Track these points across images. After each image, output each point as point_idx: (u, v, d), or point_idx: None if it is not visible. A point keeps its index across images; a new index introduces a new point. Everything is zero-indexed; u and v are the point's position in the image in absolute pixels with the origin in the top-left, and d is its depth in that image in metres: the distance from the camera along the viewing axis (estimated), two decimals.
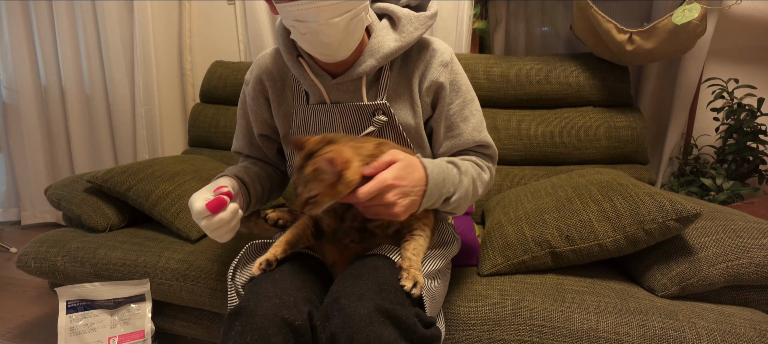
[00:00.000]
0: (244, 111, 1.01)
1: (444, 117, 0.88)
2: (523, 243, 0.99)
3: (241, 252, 0.86)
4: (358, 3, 0.75)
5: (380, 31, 0.85)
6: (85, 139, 2.37)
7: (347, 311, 0.65)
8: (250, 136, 1.01)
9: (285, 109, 0.93)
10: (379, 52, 0.83)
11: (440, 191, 0.76)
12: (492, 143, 0.91)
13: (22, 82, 2.32)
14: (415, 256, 0.76)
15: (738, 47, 1.57)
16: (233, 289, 0.85)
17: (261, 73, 0.93)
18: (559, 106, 1.52)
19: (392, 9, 0.87)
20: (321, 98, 0.88)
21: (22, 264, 1.27)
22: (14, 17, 2.26)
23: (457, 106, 0.88)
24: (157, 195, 1.29)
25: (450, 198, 0.79)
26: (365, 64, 0.83)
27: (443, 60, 0.86)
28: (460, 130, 0.88)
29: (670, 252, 0.92)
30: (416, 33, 0.84)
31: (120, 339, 1.19)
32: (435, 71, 0.86)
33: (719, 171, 1.44)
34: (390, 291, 0.68)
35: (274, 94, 0.93)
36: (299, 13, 0.72)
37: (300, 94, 0.91)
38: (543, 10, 1.77)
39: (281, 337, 0.66)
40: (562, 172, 1.36)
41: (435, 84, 0.86)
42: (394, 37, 0.84)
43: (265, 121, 0.97)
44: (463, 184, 0.80)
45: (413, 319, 0.67)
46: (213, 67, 1.91)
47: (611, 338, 0.80)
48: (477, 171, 0.86)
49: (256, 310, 0.68)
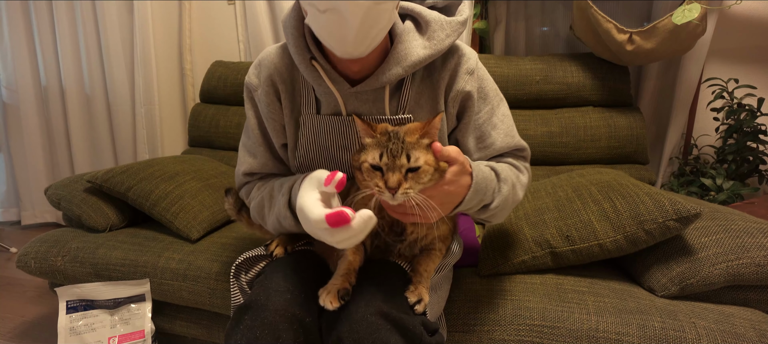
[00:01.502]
0: (257, 121, 0.86)
1: (472, 127, 0.82)
2: (523, 244, 0.99)
3: (246, 255, 0.85)
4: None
5: (406, 35, 0.75)
6: (85, 139, 2.37)
7: (355, 316, 0.65)
8: (270, 149, 0.87)
9: (295, 116, 0.83)
10: (406, 60, 0.74)
11: (481, 198, 0.72)
12: (525, 145, 0.86)
13: (22, 82, 2.32)
14: (426, 273, 0.76)
15: (738, 47, 1.57)
16: (236, 287, 0.84)
17: (271, 73, 0.82)
18: (559, 106, 1.52)
19: (418, 10, 0.78)
20: (336, 108, 0.79)
21: (22, 264, 1.27)
22: (14, 17, 2.26)
23: (486, 115, 0.82)
24: (157, 195, 1.29)
25: (489, 205, 0.74)
26: (391, 72, 0.74)
27: (469, 67, 0.79)
28: (492, 139, 0.82)
29: (670, 252, 0.91)
30: (448, 40, 0.76)
31: (120, 339, 1.19)
32: (461, 80, 0.79)
33: (719, 171, 1.44)
34: (397, 299, 0.69)
35: (286, 97, 0.82)
36: None
37: (309, 100, 0.81)
38: (543, 10, 1.77)
39: (291, 333, 0.66)
40: (562, 171, 1.36)
41: (461, 93, 0.79)
42: (422, 43, 0.75)
43: (283, 128, 0.85)
44: (502, 192, 0.74)
45: (419, 328, 0.67)
46: (213, 67, 1.91)
47: (611, 338, 0.80)
48: (515, 174, 0.80)
49: (266, 305, 0.67)
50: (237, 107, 1.82)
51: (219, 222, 1.35)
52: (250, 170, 0.88)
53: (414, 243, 0.79)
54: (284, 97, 0.82)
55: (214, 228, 1.34)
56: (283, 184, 0.79)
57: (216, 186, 1.42)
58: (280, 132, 0.85)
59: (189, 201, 1.31)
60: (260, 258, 0.86)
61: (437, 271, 0.81)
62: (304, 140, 0.82)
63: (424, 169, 0.63)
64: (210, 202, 1.35)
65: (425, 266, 0.77)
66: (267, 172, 0.89)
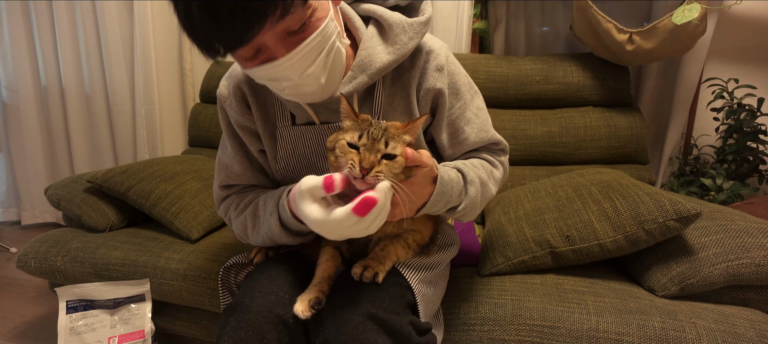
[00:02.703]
0: (231, 131, 0.85)
1: (445, 123, 0.82)
2: (523, 243, 0.99)
3: (234, 259, 0.86)
4: (327, 39, 0.65)
5: (369, 41, 0.75)
6: (85, 139, 2.37)
7: (341, 318, 0.65)
8: (247, 157, 0.87)
9: (270, 129, 0.83)
10: (370, 68, 0.73)
11: (447, 201, 0.72)
12: (501, 139, 0.86)
13: (22, 82, 2.32)
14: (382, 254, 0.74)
15: (738, 47, 1.57)
16: (225, 288, 0.85)
17: (240, 83, 0.81)
18: (559, 106, 1.52)
19: (380, 13, 0.76)
20: (309, 119, 0.80)
21: (22, 264, 1.27)
22: (14, 17, 2.26)
23: (458, 110, 0.82)
24: (157, 195, 1.29)
25: (456, 208, 0.75)
26: (356, 80, 0.74)
27: (438, 64, 0.78)
28: (465, 135, 0.82)
29: (670, 252, 0.91)
30: (411, 43, 0.75)
31: (120, 339, 1.19)
32: (431, 78, 0.78)
33: (719, 171, 1.44)
34: (384, 299, 0.68)
35: (257, 108, 0.82)
36: (271, 74, 0.65)
37: (284, 114, 0.81)
38: (543, 10, 1.77)
39: (275, 333, 0.66)
40: (562, 171, 1.36)
41: (432, 91, 0.78)
42: (386, 49, 0.74)
43: (258, 136, 0.84)
44: (469, 195, 0.74)
45: (407, 327, 0.67)
46: (213, 67, 1.91)
47: (611, 338, 0.80)
48: (488, 171, 0.81)
49: (250, 306, 0.68)
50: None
51: (219, 222, 1.35)
52: (228, 182, 0.87)
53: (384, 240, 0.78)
54: (254, 108, 0.82)
55: (214, 228, 1.34)
56: (266, 203, 0.78)
57: None
58: (255, 139, 0.84)
59: (189, 201, 1.31)
60: (249, 264, 0.86)
61: (431, 269, 0.81)
62: (282, 152, 0.82)
63: (399, 161, 0.64)
64: (210, 202, 1.35)
65: (386, 251, 0.75)
66: (245, 184, 0.88)
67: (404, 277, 0.74)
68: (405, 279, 0.74)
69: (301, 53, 0.63)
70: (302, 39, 0.63)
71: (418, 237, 0.80)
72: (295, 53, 0.63)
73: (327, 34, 0.65)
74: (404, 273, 0.75)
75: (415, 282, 0.74)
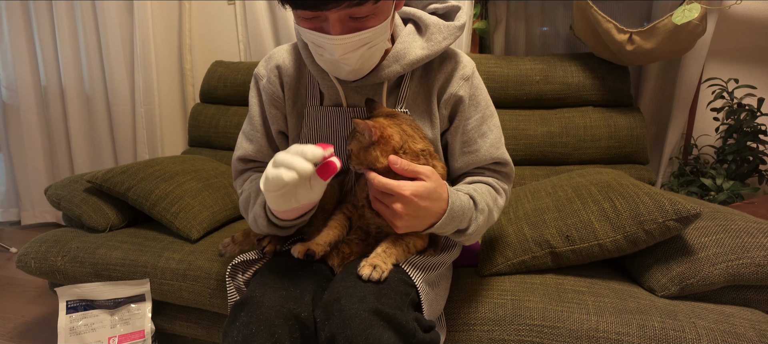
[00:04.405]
0: (259, 108, 0.92)
1: (461, 131, 0.86)
2: (523, 243, 0.99)
3: (242, 257, 0.86)
4: (377, 37, 0.72)
5: (406, 36, 0.82)
6: (85, 139, 2.37)
7: (347, 312, 0.65)
8: (267, 135, 0.93)
9: (298, 109, 0.89)
10: (404, 59, 0.80)
11: (457, 225, 0.75)
12: (509, 160, 0.88)
13: (22, 82, 2.32)
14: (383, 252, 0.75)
15: (738, 47, 1.57)
16: (232, 287, 0.85)
17: (279, 65, 0.88)
18: (559, 106, 1.52)
19: (419, 15, 0.84)
20: (337, 100, 0.85)
21: (22, 264, 1.27)
22: (14, 17, 2.26)
23: (475, 122, 0.86)
24: (157, 195, 1.29)
25: (464, 231, 0.78)
26: (389, 69, 0.80)
27: (465, 73, 0.84)
28: (477, 146, 0.85)
29: (670, 252, 0.92)
30: (445, 43, 0.82)
31: (120, 339, 1.19)
32: (455, 84, 0.83)
33: (719, 171, 1.44)
34: (390, 295, 0.68)
35: (290, 90, 0.89)
36: (318, 41, 0.72)
37: (314, 94, 0.88)
38: (543, 10, 1.77)
39: (287, 329, 0.67)
40: (562, 171, 1.36)
41: (454, 97, 0.83)
42: (421, 44, 0.81)
43: (284, 117, 0.91)
44: (478, 221, 0.78)
45: (412, 324, 0.67)
46: (213, 67, 1.91)
47: (611, 338, 0.80)
48: (493, 198, 0.83)
49: (262, 301, 0.68)
50: (237, 107, 1.82)
51: (219, 222, 1.35)
52: (246, 155, 0.92)
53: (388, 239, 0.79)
54: (288, 88, 0.88)
55: (214, 228, 1.34)
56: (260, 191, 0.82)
57: (216, 186, 1.42)
58: (281, 120, 0.90)
59: (189, 201, 1.31)
60: (256, 261, 0.87)
61: (433, 269, 0.81)
62: (306, 129, 0.87)
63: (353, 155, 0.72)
64: (210, 202, 1.35)
65: (389, 252, 0.76)
66: (261, 160, 0.93)
67: (408, 275, 0.75)
68: (409, 277, 0.75)
69: (351, 40, 0.70)
70: (358, 28, 0.69)
71: (419, 243, 0.82)
72: (346, 38, 0.69)
73: (379, 33, 0.72)
74: (408, 271, 0.76)
75: (419, 281, 0.75)
